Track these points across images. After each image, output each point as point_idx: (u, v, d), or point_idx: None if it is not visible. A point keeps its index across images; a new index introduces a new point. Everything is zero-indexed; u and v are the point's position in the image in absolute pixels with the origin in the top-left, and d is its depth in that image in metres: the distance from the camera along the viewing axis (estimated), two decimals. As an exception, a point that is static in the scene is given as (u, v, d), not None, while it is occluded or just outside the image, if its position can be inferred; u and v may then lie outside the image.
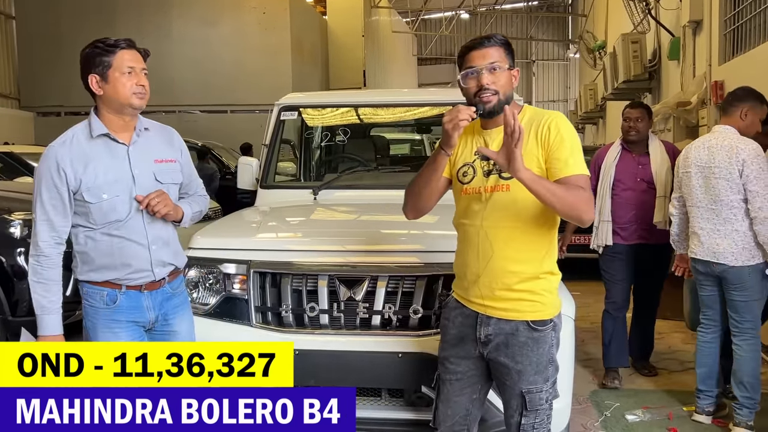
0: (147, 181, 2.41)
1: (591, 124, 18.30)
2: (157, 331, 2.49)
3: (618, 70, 9.61)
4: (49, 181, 2.29)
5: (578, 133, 14.42)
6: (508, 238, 2.20)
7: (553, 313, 2.25)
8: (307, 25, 17.72)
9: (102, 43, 2.33)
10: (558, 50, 31.69)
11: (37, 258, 2.31)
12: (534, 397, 2.22)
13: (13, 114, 15.96)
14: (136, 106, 2.35)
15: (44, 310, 2.32)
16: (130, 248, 2.37)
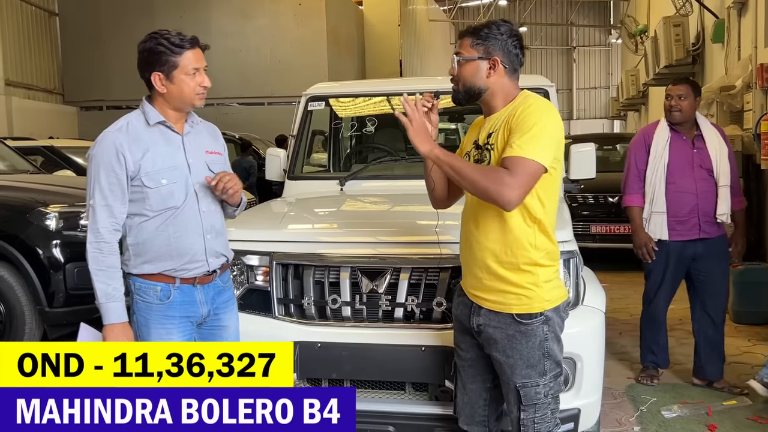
0: (201, 170, 2.42)
1: (633, 110, 17.87)
2: (208, 326, 2.47)
3: (659, 55, 9.32)
4: (108, 166, 2.26)
5: (620, 120, 14.21)
6: (490, 228, 2.19)
7: (542, 307, 2.18)
8: (343, 15, 17.67)
9: (167, 40, 2.28)
10: (600, 36, 31.01)
11: (97, 245, 2.26)
12: (529, 392, 2.18)
13: (57, 109, 16.34)
14: (197, 106, 2.38)
15: (109, 298, 2.27)
16: (186, 237, 2.36)
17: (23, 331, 4.66)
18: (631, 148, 4.20)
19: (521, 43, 2.28)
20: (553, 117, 2.16)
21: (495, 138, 2.19)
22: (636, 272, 7.93)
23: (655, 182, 3.96)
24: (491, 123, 2.24)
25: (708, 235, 3.96)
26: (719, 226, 3.97)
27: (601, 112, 30.11)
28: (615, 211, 8.15)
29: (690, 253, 4.00)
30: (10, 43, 14.68)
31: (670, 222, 3.93)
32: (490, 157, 2.20)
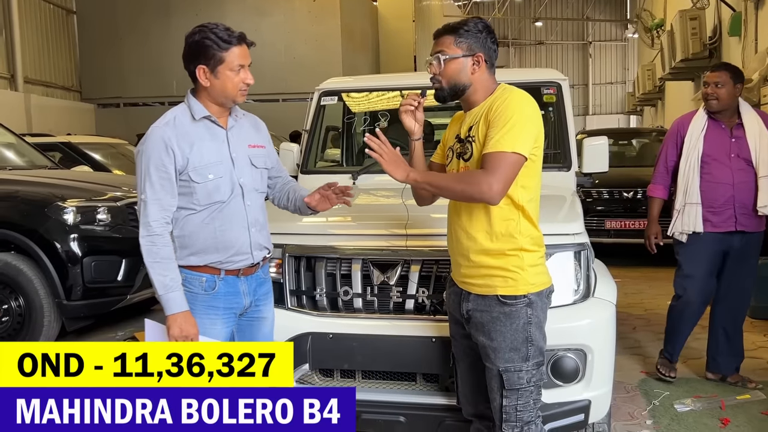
0: (244, 164, 2.44)
1: (650, 105, 17.73)
2: (248, 317, 2.50)
3: (676, 49, 9.24)
4: (157, 160, 2.28)
5: (636, 115, 14.11)
6: (474, 217, 2.24)
7: (526, 290, 2.21)
8: (357, 11, 17.69)
9: (215, 35, 2.28)
10: (616, 30, 30.76)
11: (150, 239, 2.28)
12: (512, 376, 2.21)
13: (74, 106, 16.51)
14: (238, 102, 2.40)
15: (167, 289, 2.28)
16: (231, 231, 2.38)
17: (42, 324, 4.74)
18: (665, 139, 4.11)
19: (496, 38, 2.34)
20: (529, 106, 2.20)
21: (475, 130, 2.24)
22: (651, 268, 7.97)
23: (688, 173, 3.81)
24: (472, 116, 2.29)
25: (746, 228, 3.81)
26: (759, 220, 3.82)
27: (618, 107, 29.88)
28: (630, 207, 8.11)
29: (725, 245, 3.86)
30: (29, 42, 14.85)
31: (704, 213, 3.78)
32: (472, 149, 2.24)
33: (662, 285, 7.03)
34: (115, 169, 7.98)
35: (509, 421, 2.22)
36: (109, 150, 8.66)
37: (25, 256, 4.78)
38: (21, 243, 4.76)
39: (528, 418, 2.22)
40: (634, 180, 8.31)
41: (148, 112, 16.66)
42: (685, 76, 10.49)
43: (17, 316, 4.76)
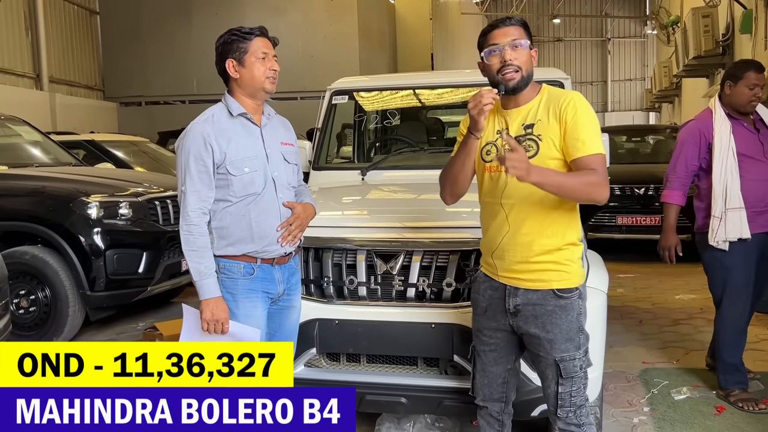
0: (277, 159, 2.62)
1: (667, 102, 17.66)
2: (279, 305, 2.66)
3: (689, 46, 9.28)
4: (197, 154, 2.45)
5: (654, 113, 14.16)
6: (529, 214, 2.29)
7: (578, 282, 2.33)
8: (375, 10, 17.83)
9: (238, 31, 2.51)
10: (635, 27, 30.58)
11: (188, 228, 2.46)
12: (568, 365, 2.31)
13: (97, 105, 16.86)
14: (268, 89, 2.55)
15: (202, 276, 2.45)
16: (265, 222, 2.54)
17: (67, 314, 4.97)
18: (683, 142, 3.80)
19: None
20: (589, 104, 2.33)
21: (542, 130, 2.28)
22: (661, 263, 7.98)
23: (725, 176, 3.58)
24: (524, 113, 2.33)
25: None
26: None
27: (636, 104, 29.73)
28: (641, 203, 8.18)
29: (764, 246, 3.70)
30: (54, 42, 15.20)
31: (749, 215, 3.56)
32: (538, 147, 2.28)
33: (671, 280, 7.14)
34: (136, 166, 8.21)
35: (564, 407, 2.33)
36: (131, 147, 8.90)
37: (51, 249, 5.01)
38: (47, 236, 5.00)
39: (580, 402, 2.35)
40: (645, 176, 8.38)
41: (170, 111, 17.00)
42: (698, 73, 10.51)
43: (44, 307, 4.99)
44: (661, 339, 5.04)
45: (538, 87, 2.39)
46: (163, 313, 6.05)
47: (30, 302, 5.01)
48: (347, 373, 2.93)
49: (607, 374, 4.21)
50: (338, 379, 2.90)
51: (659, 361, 4.49)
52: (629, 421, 3.56)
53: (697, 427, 3.44)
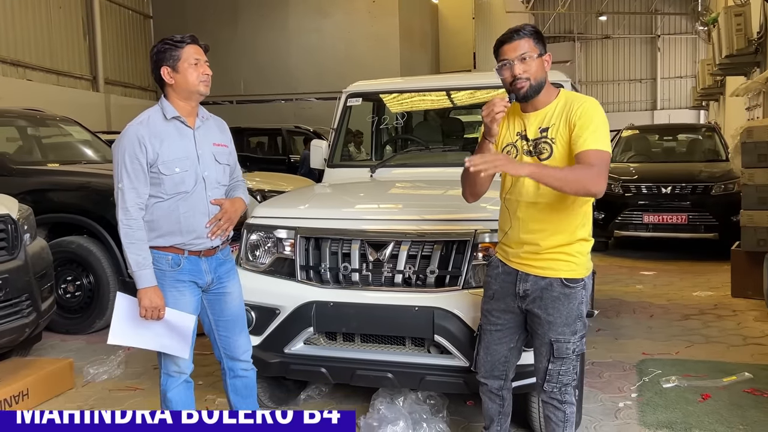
0: (208, 160, 2.83)
1: (713, 100, 17.38)
2: (213, 292, 2.91)
3: (722, 44, 9.26)
4: (132, 153, 2.65)
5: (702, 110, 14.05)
6: (544, 211, 2.53)
7: (584, 273, 2.56)
8: (416, 10, 18.08)
9: (170, 40, 2.73)
10: (686, 23, 29.94)
11: (127, 222, 2.66)
12: (561, 347, 2.56)
13: (150, 105, 17.32)
14: (202, 92, 2.75)
15: (140, 266, 2.66)
16: (194, 217, 2.76)
17: (108, 298, 5.42)
18: None
19: None
20: (602, 109, 2.53)
21: (555, 132, 2.48)
22: (686, 261, 8.11)
23: None
24: (541, 117, 2.52)
25: None
26: None
27: (687, 102, 29.13)
28: (668, 201, 8.24)
29: None
30: (110, 45, 16.01)
31: None
32: (552, 150, 2.47)
33: (692, 278, 7.21)
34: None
35: (551, 382, 2.60)
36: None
37: (94, 239, 5.47)
38: (91, 227, 5.46)
39: (566, 380, 2.60)
40: (674, 175, 8.43)
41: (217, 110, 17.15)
42: (734, 72, 10.44)
43: (88, 292, 5.46)
44: (667, 332, 5.18)
45: (555, 91, 2.59)
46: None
47: (76, 287, 5.48)
48: (341, 350, 3.23)
49: (606, 364, 4.45)
50: (333, 355, 3.21)
51: (659, 353, 4.65)
52: (615, 405, 3.76)
53: (678, 413, 3.62)
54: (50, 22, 13.94)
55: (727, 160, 8.97)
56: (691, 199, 8.16)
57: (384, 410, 3.37)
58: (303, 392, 3.95)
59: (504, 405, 2.81)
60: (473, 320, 2.94)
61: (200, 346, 4.83)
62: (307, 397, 3.92)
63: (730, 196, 8.09)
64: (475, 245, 3.06)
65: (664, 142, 10.25)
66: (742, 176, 6.11)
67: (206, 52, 2.83)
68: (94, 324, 5.45)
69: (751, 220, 6.05)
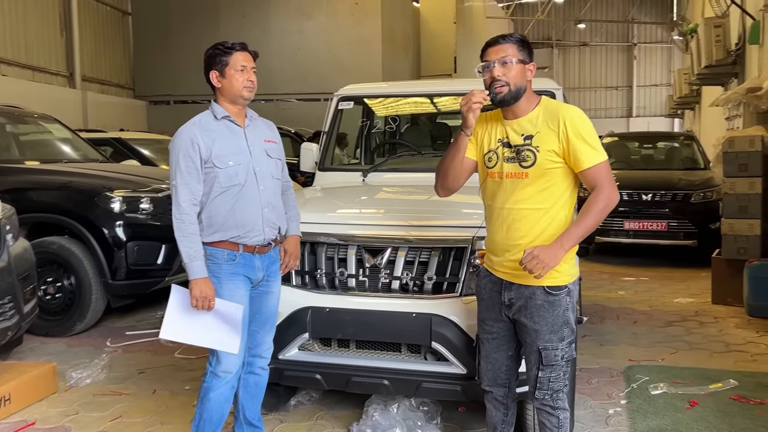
0: (260, 155, 2.96)
1: (688, 109, 17.66)
2: (259, 290, 2.99)
3: (701, 55, 9.41)
4: (185, 152, 2.79)
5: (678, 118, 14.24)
6: (527, 218, 2.52)
7: (567, 281, 2.55)
8: (399, 13, 18.11)
9: (222, 45, 2.88)
10: (661, 33, 30.42)
11: (180, 217, 2.77)
12: (549, 354, 2.56)
13: (128, 103, 17.41)
14: (245, 97, 2.90)
15: (192, 258, 2.76)
16: (248, 210, 2.87)
17: (90, 300, 5.33)
18: None
19: None
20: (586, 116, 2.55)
21: (540, 141, 2.48)
22: (665, 268, 8.22)
23: None
24: (524, 124, 2.52)
25: None
26: None
27: (662, 110, 29.57)
28: (648, 208, 8.34)
29: None
30: (87, 42, 15.76)
31: None
32: (535, 157, 2.48)
33: (672, 284, 7.30)
34: (161, 163, 8.57)
35: (541, 389, 2.60)
36: (157, 145, 9.26)
37: (76, 240, 5.37)
38: (73, 228, 5.36)
39: (557, 387, 2.59)
40: (654, 182, 8.54)
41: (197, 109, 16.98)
42: (712, 82, 10.63)
43: (69, 293, 5.36)
44: (651, 339, 5.24)
45: (537, 99, 2.60)
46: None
47: (56, 289, 5.37)
48: (336, 356, 3.20)
49: (593, 370, 4.48)
50: (328, 361, 3.18)
51: (645, 359, 4.69)
52: (605, 411, 3.78)
53: (667, 419, 3.65)
54: (26, 16, 13.69)
55: (705, 168, 9.13)
56: (671, 207, 8.28)
57: (378, 417, 3.36)
58: (293, 398, 3.91)
59: (508, 414, 2.81)
60: (471, 327, 2.93)
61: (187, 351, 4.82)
62: (297, 403, 3.89)
63: (709, 204, 8.24)
64: (473, 252, 3.06)
65: (644, 149, 10.38)
66: (724, 185, 6.21)
67: (255, 59, 2.96)
68: (75, 326, 5.36)
69: (731, 229, 6.15)
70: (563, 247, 2.40)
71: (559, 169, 2.49)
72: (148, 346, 5.11)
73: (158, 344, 5.14)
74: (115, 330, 5.56)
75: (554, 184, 2.51)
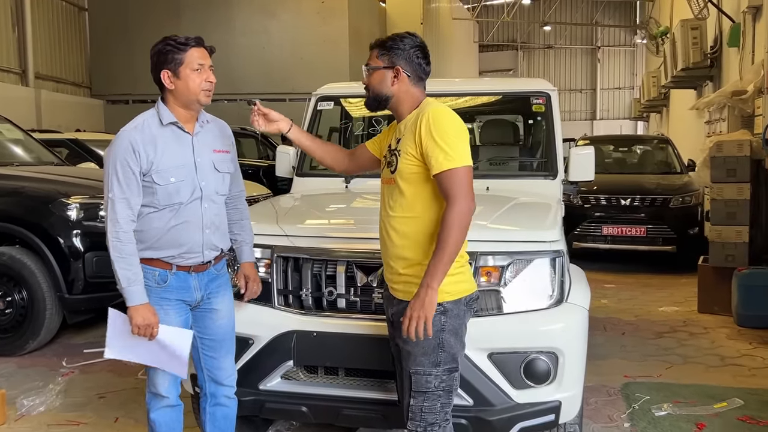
0: (207, 168, 2.59)
1: (655, 112, 17.76)
2: (201, 309, 2.66)
3: (677, 57, 9.32)
4: (124, 161, 2.41)
5: (642, 121, 14.18)
6: (398, 225, 2.35)
7: (440, 298, 2.25)
8: (366, 13, 17.80)
9: (173, 40, 2.46)
10: (625, 36, 30.76)
11: (116, 235, 2.41)
12: (420, 380, 2.30)
13: (84, 102, 16.71)
14: (202, 102, 2.52)
15: (130, 282, 2.41)
16: (186, 230, 2.52)
17: (44, 317, 4.89)
18: None
19: (425, 53, 2.42)
20: (455, 118, 2.30)
21: (402, 144, 2.33)
22: (644, 274, 8.08)
23: None
24: (399, 128, 2.40)
25: None
26: None
27: (625, 113, 29.90)
28: (626, 213, 8.20)
29: None
30: (41, 38, 15.06)
31: None
32: (396, 162, 2.33)
33: (654, 292, 7.14)
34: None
35: (414, 420, 2.31)
36: (116, 147, 8.80)
37: (29, 250, 4.93)
38: (25, 237, 4.91)
39: (432, 419, 2.30)
40: (632, 187, 8.40)
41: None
42: (686, 85, 10.57)
43: (20, 309, 4.91)
44: (643, 352, 5.03)
45: (418, 103, 2.39)
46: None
47: (6, 304, 4.92)
48: (325, 386, 2.87)
49: (589, 387, 4.19)
50: (315, 392, 2.85)
51: (641, 375, 4.47)
52: (609, 436, 3.54)
53: (677, 445, 3.42)
54: (-25, 10, 12.99)
55: (682, 173, 9.04)
56: (649, 212, 8.15)
57: (369, 451, 3.03)
58: (272, 427, 3.56)
59: None
60: (478, 354, 2.64)
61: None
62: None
63: (688, 209, 8.15)
64: (477, 269, 2.76)
65: (620, 153, 10.27)
66: (711, 191, 6.05)
67: (211, 54, 2.55)
68: (27, 345, 4.91)
69: (719, 236, 6.00)
70: (431, 287, 2.19)
71: (420, 174, 2.29)
72: (108, 366, 4.69)
73: (120, 363, 4.70)
74: (71, 347, 5.11)
75: (421, 191, 2.31)
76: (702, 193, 8.25)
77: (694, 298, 6.45)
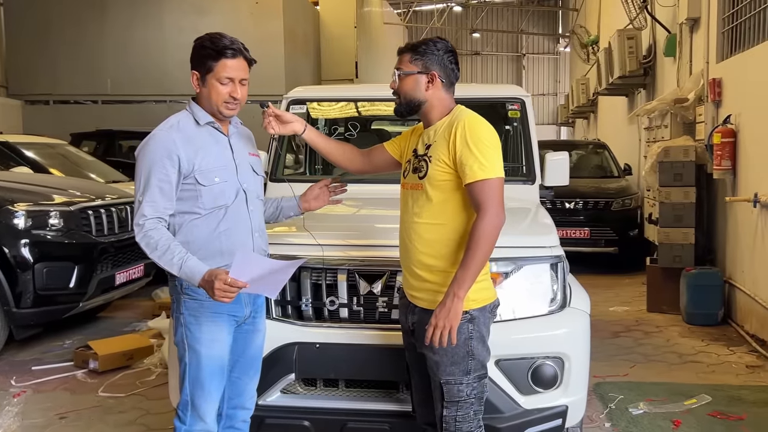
0: (246, 170, 2.48)
1: (582, 118, 18.39)
2: (245, 328, 2.49)
3: (613, 66, 9.66)
4: (159, 164, 2.27)
5: (567, 127, 14.55)
6: (423, 232, 2.31)
7: (468, 306, 2.25)
8: (300, 15, 17.62)
9: (213, 44, 2.33)
10: (548, 44, 31.76)
11: (144, 234, 2.25)
12: (452, 389, 2.28)
13: (0, 102, 15.77)
14: (224, 115, 2.40)
15: (182, 266, 2.21)
16: (236, 235, 2.38)
17: (-10, 332, 4.55)
18: None
19: (456, 59, 2.42)
20: (490, 128, 2.29)
21: (434, 150, 2.29)
22: (588, 275, 8.27)
23: None
24: (429, 134, 2.35)
25: None
26: None
27: (549, 119, 30.85)
28: (570, 217, 8.42)
29: None
30: (-48, 33, 14.12)
31: None
32: (427, 168, 2.30)
33: (601, 292, 7.34)
34: (53, 169, 7.66)
35: (448, 430, 2.29)
36: (47, 150, 8.30)
37: (-29, 261, 4.58)
38: (-33, 247, 4.56)
39: (467, 428, 2.29)
40: (576, 191, 8.62)
41: (81, 111, 16.08)
42: (620, 92, 10.98)
43: (-39, 324, 4.55)
44: (605, 352, 5.16)
45: (448, 109, 2.37)
46: (91, 329, 5.66)
47: (-55, 320, 4.55)
48: (328, 399, 2.78)
49: (562, 389, 4.27)
50: (318, 405, 2.76)
51: (609, 375, 4.58)
52: (593, 437, 3.60)
53: (660, 442, 3.51)
54: None
55: (619, 177, 9.38)
56: (592, 215, 8.41)
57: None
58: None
59: None
60: (488, 361, 2.61)
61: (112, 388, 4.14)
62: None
63: (628, 211, 8.47)
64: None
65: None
66: (659, 194, 6.29)
67: (251, 65, 2.40)
68: (-30, 363, 4.56)
69: (667, 238, 6.23)
70: (457, 296, 2.17)
71: (451, 182, 2.27)
72: (62, 383, 4.42)
73: (74, 380, 4.46)
74: (17, 365, 4.77)
75: (449, 198, 2.29)
76: (641, 196, 8.59)
77: (641, 297, 6.69)
